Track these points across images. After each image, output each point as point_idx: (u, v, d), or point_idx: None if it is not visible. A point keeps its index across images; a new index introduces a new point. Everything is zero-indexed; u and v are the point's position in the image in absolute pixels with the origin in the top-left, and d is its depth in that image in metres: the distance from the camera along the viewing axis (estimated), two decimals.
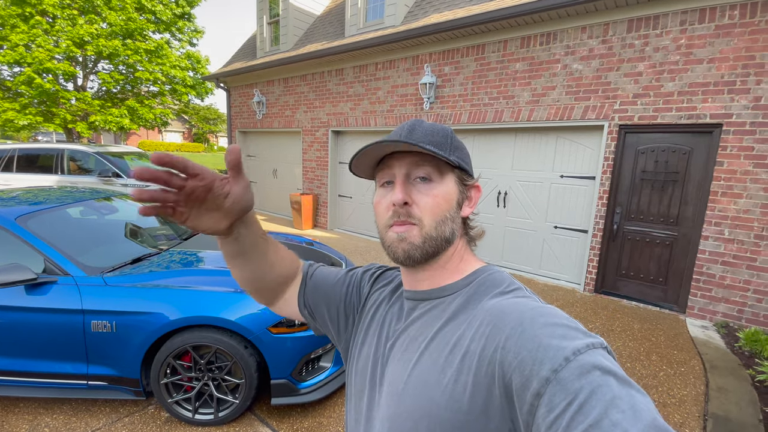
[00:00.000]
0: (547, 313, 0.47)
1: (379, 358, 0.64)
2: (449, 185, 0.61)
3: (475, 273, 0.62)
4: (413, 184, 0.60)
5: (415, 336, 0.59)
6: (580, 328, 0.45)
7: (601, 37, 4.35)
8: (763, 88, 3.50)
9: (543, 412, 0.39)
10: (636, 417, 0.35)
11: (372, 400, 0.63)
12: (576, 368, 0.39)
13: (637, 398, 0.37)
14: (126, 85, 12.21)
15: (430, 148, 0.56)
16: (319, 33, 7.94)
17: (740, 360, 3.12)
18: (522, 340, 0.44)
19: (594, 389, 0.37)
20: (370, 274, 0.78)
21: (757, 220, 3.64)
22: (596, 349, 0.42)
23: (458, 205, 0.62)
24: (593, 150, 4.70)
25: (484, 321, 0.51)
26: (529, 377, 0.41)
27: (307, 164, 7.96)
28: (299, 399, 2.30)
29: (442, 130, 0.62)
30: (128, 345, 2.17)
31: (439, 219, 0.59)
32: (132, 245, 2.86)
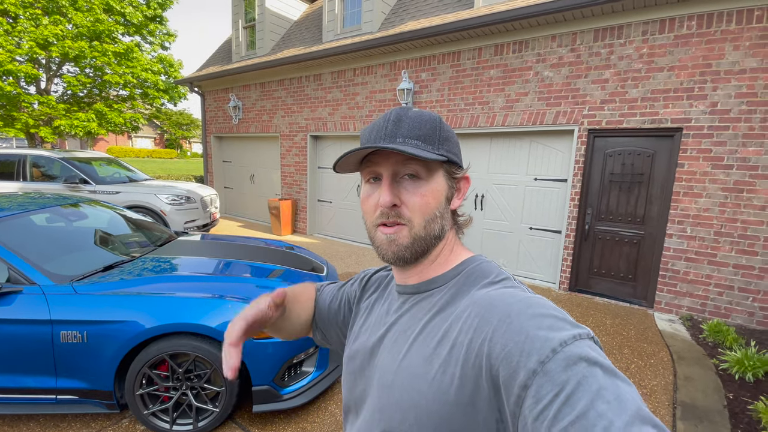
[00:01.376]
0: (535, 303, 0.47)
1: (368, 351, 0.65)
2: (438, 182, 0.59)
3: (463, 264, 0.61)
4: (400, 183, 0.58)
5: (404, 329, 0.60)
6: (567, 318, 0.45)
7: (569, 46, 4.54)
8: (719, 94, 3.74)
9: (530, 403, 0.39)
10: (621, 407, 0.35)
11: (363, 392, 0.64)
12: (562, 360, 0.39)
13: (622, 388, 0.37)
14: (93, 89, 11.73)
15: (414, 151, 0.54)
16: (296, 38, 7.92)
17: (704, 350, 3.29)
18: (509, 332, 0.44)
19: (580, 380, 0.37)
20: (360, 280, 0.80)
21: (716, 217, 3.87)
22: (583, 339, 0.42)
23: (447, 201, 0.61)
24: (565, 153, 4.88)
25: (472, 313, 0.51)
26: (516, 369, 0.41)
27: (285, 169, 7.89)
28: (282, 405, 2.27)
29: (429, 120, 0.59)
30: (100, 356, 2.09)
31: (428, 218, 0.58)
32: (103, 252, 2.76)
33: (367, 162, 0.61)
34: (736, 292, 3.83)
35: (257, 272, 2.81)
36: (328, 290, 0.85)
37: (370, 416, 0.59)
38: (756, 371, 2.61)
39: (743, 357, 2.72)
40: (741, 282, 3.79)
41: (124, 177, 6.79)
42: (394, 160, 0.58)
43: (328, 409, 2.50)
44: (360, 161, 0.61)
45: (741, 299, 3.81)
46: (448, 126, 0.62)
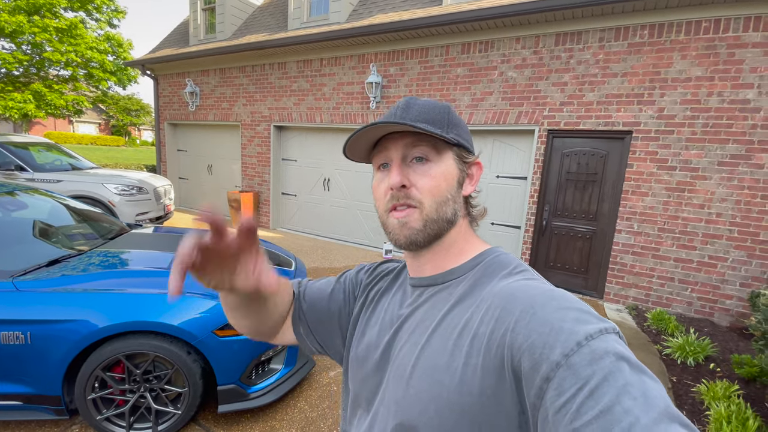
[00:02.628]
0: (559, 296, 0.46)
1: (382, 344, 0.63)
2: (448, 164, 0.59)
3: (481, 255, 0.61)
4: (410, 166, 0.59)
5: (422, 320, 0.58)
6: (592, 312, 0.44)
7: (533, 48, 4.71)
8: (666, 100, 4.04)
9: (552, 395, 0.38)
10: (648, 404, 0.34)
11: (376, 385, 0.62)
12: (588, 353, 0.38)
13: (649, 385, 0.36)
14: (31, 67, 10.64)
15: (425, 126, 0.54)
16: (259, 24, 7.61)
17: (649, 337, 3.57)
18: (533, 324, 0.43)
19: (606, 375, 0.37)
20: (365, 271, 0.78)
21: (660, 215, 4.19)
22: (609, 334, 0.41)
23: (459, 184, 0.61)
24: (525, 152, 5.07)
25: (493, 304, 0.50)
26: (539, 361, 0.40)
27: (246, 160, 7.59)
28: (249, 404, 2.19)
29: (438, 106, 0.60)
30: (47, 358, 1.91)
31: (439, 200, 0.58)
32: (47, 246, 2.52)
33: (377, 149, 0.62)
34: (676, 283, 4.19)
35: None
36: (318, 283, 0.79)
37: (386, 409, 0.57)
38: (696, 356, 2.87)
39: (684, 343, 2.98)
40: (681, 274, 4.15)
41: (66, 164, 6.23)
42: (402, 143, 0.58)
43: (297, 406, 2.45)
44: (371, 149, 0.63)
45: (681, 290, 4.17)
46: (457, 114, 0.63)
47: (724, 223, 3.91)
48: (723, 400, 2.14)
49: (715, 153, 3.89)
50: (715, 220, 3.94)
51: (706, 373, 2.73)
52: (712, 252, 3.99)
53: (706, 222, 3.99)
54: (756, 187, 3.76)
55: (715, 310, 4.03)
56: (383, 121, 0.55)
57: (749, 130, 3.74)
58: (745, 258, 3.85)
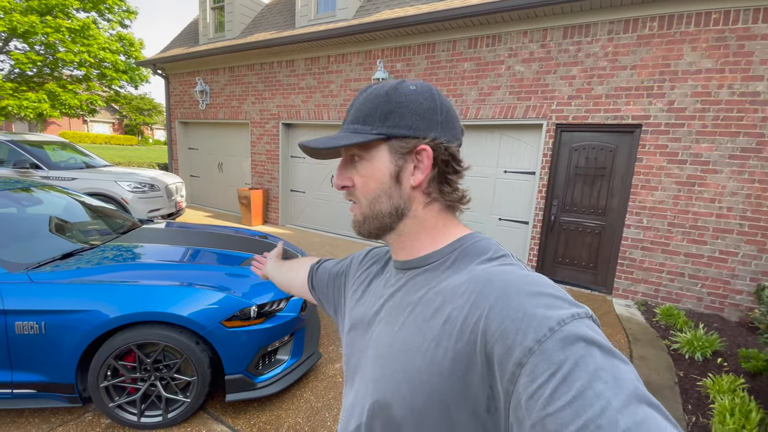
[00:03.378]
0: (534, 281, 0.46)
1: (366, 324, 0.66)
2: (378, 160, 0.59)
3: (459, 240, 0.61)
4: (352, 164, 0.62)
5: (400, 302, 0.60)
6: (566, 297, 0.45)
7: (540, 42, 4.67)
8: (676, 92, 3.98)
9: (524, 381, 0.39)
10: (618, 386, 0.35)
11: (358, 364, 0.65)
12: (560, 339, 0.39)
13: (620, 368, 0.37)
14: (44, 68, 10.88)
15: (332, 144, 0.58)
16: (267, 22, 7.67)
17: (657, 333, 3.54)
18: (506, 309, 0.43)
19: (578, 360, 0.37)
20: (364, 253, 0.82)
21: (669, 209, 4.14)
22: (581, 319, 0.41)
23: (393, 178, 0.58)
24: (533, 147, 5.04)
25: (469, 288, 0.50)
26: (511, 346, 0.41)
27: (256, 158, 7.68)
28: (256, 393, 2.24)
29: (375, 96, 0.58)
30: (60, 347, 1.98)
31: (370, 197, 0.60)
32: (60, 240, 2.60)
33: None
34: (686, 278, 4.13)
35: (228, 260, 2.75)
36: (330, 263, 0.92)
37: (364, 387, 0.60)
38: (704, 351, 2.84)
39: (692, 338, 2.95)
40: (691, 269, 4.09)
41: (80, 163, 6.38)
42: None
43: (303, 396, 2.49)
44: None
45: (691, 285, 4.11)
46: (403, 94, 0.57)
47: (734, 218, 3.84)
48: (728, 393, 2.12)
49: (726, 146, 3.82)
50: (726, 214, 3.88)
51: (714, 367, 2.70)
52: (722, 247, 3.92)
53: (717, 216, 3.92)
54: (767, 181, 3.68)
55: (725, 305, 3.96)
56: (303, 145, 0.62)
57: (760, 122, 3.66)
58: (755, 252, 3.78)
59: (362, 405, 0.60)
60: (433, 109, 0.58)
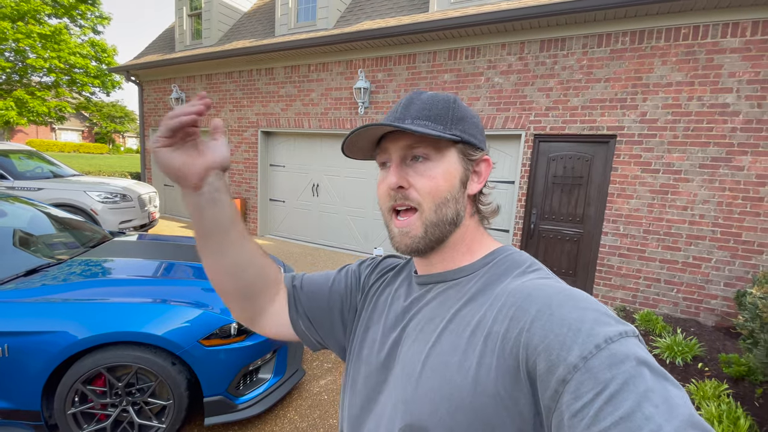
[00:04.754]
0: (577, 296, 0.45)
1: (389, 342, 0.61)
2: (450, 162, 0.57)
3: (493, 253, 0.59)
4: (410, 165, 0.57)
5: (431, 317, 0.57)
6: (611, 314, 0.43)
7: (518, 54, 4.78)
8: (648, 104, 4.13)
9: (568, 399, 0.37)
10: (671, 412, 0.33)
11: (380, 384, 0.59)
12: (607, 357, 0.37)
13: (672, 392, 0.35)
14: (13, 75, 10.39)
15: (421, 129, 0.53)
16: (246, 30, 7.58)
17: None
18: (550, 324, 0.42)
19: (626, 380, 0.35)
20: (366, 264, 0.76)
21: (644, 217, 4.26)
22: (629, 337, 0.40)
23: (461, 183, 0.58)
24: (512, 157, 5.13)
25: (507, 302, 0.49)
26: (555, 362, 0.39)
27: (233, 166, 7.50)
28: (237, 416, 2.13)
29: (442, 100, 0.58)
30: (24, 371, 1.83)
31: (439, 201, 0.56)
32: (25, 255, 2.44)
33: (380, 148, 0.61)
34: (662, 284, 4.25)
35: (204, 274, 2.63)
36: (316, 276, 0.77)
37: (391, 409, 0.55)
38: (685, 356, 2.90)
39: (672, 343, 3.01)
40: (666, 275, 4.21)
41: (47, 172, 6.08)
42: (402, 143, 0.57)
43: (287, 416, 2.39)
44: (374, 147, 0.62)
45: (667, 291, 4.23)
46: (465, 106, 0.60)
47: (707, 224, 3.99)
48: (713, 399, 2.16)
49: (697, 156, 3.98)
50: (698, 221, 4.02)
51: (695, 372, 2.76)
52: (696, 253, 4.06)
53: (690, 223, 4.06)
54: (737, 189, 3.85)
55: (701, 310, 4.09)
56: (380, 123, 0.54)
57: (729, 133, 3.83)
58: (728, 258, 3.93)
59: (390, 429, 0.54)
60: (482, 126, 0.62)
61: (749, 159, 3.78)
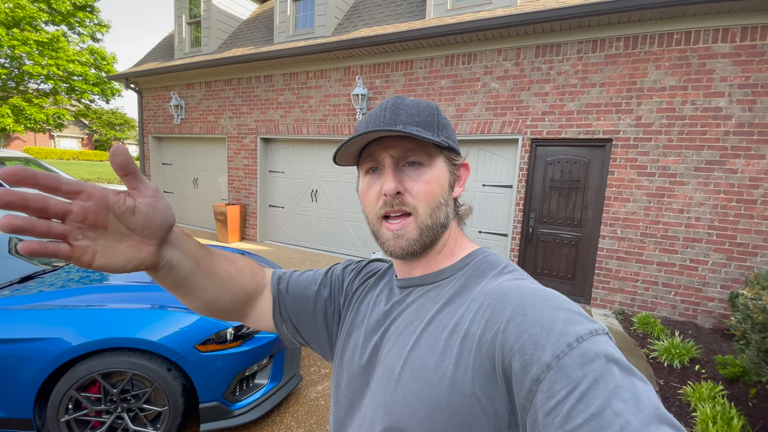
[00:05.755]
0: (550, 296, 0.46)
1: (370, 346, 0.61)
2: (440, 168, 0.58)
3: (470, 255, 0.60)
4: (402, 171, 0.57)
5: (410, 321, 0.57)
6: (582, 313, 0.44)
7: (514, 60, 4.82)
8: (643, 108, 4.16)
9: (542, 397, 0.38)
10: (638, 406, 0.34)
11: (363, 387, 0.60)
12: (579, 355, 0.38)
13: (639, 387, 0.36)
14: (9, 81, 10.45)
15: (418, 132, 0.54)
16: (245, 38, 7.64)
17: (636, 341, 3.60)
18: (524, 324, 0.43)
19: (597, 378, 0.36)
20: (351, 269, 0.76)
21: (641, 220, 4.28)
22: (599, 335, 0.41)
23: (450, 188, 0.60)
24: (510, 161, 5.15)
25: (484, 304, 0.50)
26: (529, 362, 0.40)
27: (233, 173, 7.53)
28: (233, 422, 2.12)
29: (427, 107, 0.59)
30: (17, 379, 1.82)
31: (433, 205, 0.57)
32: (19, 262, 2.44)
33: (365, 153, 0.60)
34: (660, 287, 4.25)
35: None
36: (301, 276, 0.76)
37: (372, 413, 0.55)
38: (682, 358, 2.90)
39: (670, 346, 3.01)
40: (664, 278, 4.22)
41: None
42: (394, 147, 0.57)
43: (283, 422, 2.38)
44: (358, 154, 0.61)
45: (664, 293, 4.23)
46: (443, 115, 0.61)
47: (703, 227, 4.00)
48: (708, 400, 2.16)
49: (692, 159, 4.00)
50: (694, 224, 4.04)
51: (692, 374, 2.76)
52: (692, 255, 4.07)
53: (686, 226, 4.08)
54: (731, 192, 3.87)
55: (698, 312, 4.09)
56: (376, 129, 0.54)
57: (722, 136, 3.86)
58: (724, 261, 3.94)
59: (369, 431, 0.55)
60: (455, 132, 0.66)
61: (742, 162, 3.81)
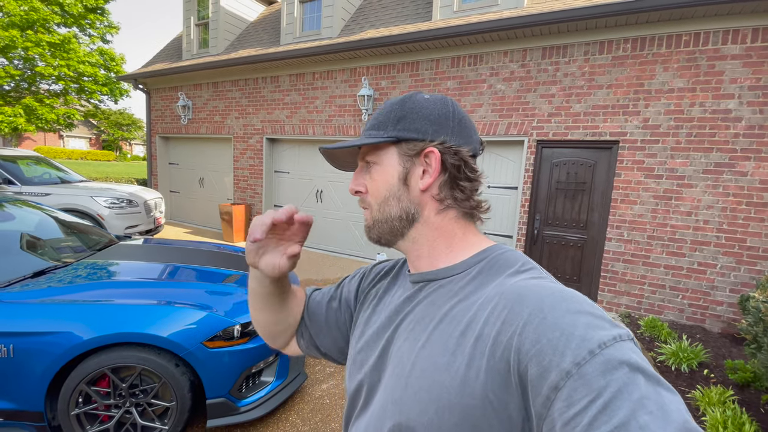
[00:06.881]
0: (570, 298, 0.43)
1: (381, 342, 0.61)
2: (387, 163, 0.60)
3: (484, 252, 0.58)
4: (366, 170, 0.64)
5: (422, 317, 0.56)
6: (605, 317, 0.42)
7: (520, 62, 4.82)
8: (650, 110, 4.14)
9: (560, 406, 0.36)
10: (666, 419, 0.33)
11: (374, 385, 0.60)
12: (601, 363, 0.36)
13: (666, 398, 0.35)
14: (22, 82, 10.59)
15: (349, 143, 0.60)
16: (252, 39, 7.70)
17: (643, 344, 3.57)
18: (542, 328, 0.41)
19: (620, 388, 0.35)
20: (360, 274, 0.79)
21: (648, 222, 4.25)
22: (624, 341, 0.39)
23: (401, 181, 0.58)
24: (515, 162, 5.14)
25: (499, 304, 0.47)
26: (547, 368, 0.38)
27: (239, 173, 7.58)
28: (239, 418, 2.14)
29: (390, 105, 0.61)
30: (29, 372, 1.85)
31: (380, 200, 0.61)
32: (32, 258, 2.47)
33: None
34: (667, 290, 4.21)
35: (210, 277, 2.66)
36: (320, 292, 0.83)
37: (381, 409, 0.55)
38: (690, 362, 2.87)
39: (677, 349, 2.98)
40: (671, 281, 4.18)
41: (55, 178, 6.16)
42: (362, 152, 0.64)
43: (288, 420, 2.39)
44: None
45: (672, 297, 4.20)
46: (416, 101, 0.59)
47: (711, 230, 3.97)
48: (718, 405, 2.13)
49: (700, 161, 3.97)
50: (703, 227, 4.01)
51: (701, 379, 2.73)
52: (701, 258, 4.04)
53: (694, 229, 4.04)
54: (740, 194, 3.83)
55: (707, 316, 4.05)
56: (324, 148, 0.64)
57: (732, 138, 3.83)
58: (733, 264, 3.90)
59: (379, 428, 0.54)
60: (446, 115, 0.59)
61: (752, 164, 3.78)
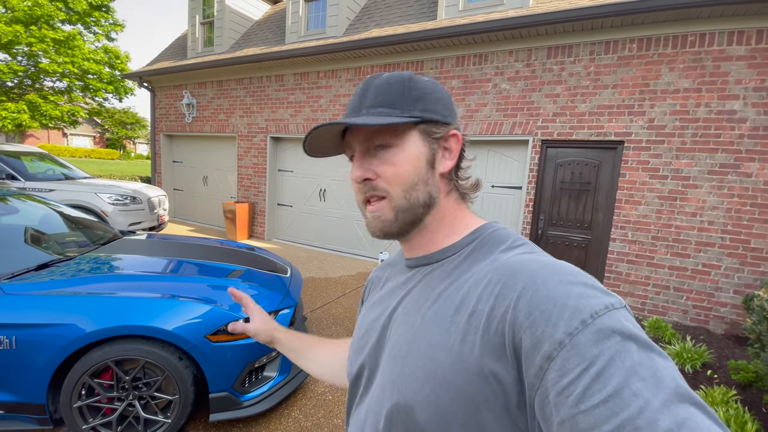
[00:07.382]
0: (562, 269, 0.44)
1: (379, 326, 0.61)
2: (413, 145, 0.56)
3: (477, 231, 0.58)
4: (374, 155, 0.56)
5: (417, 299, 0.56)
6: (597, 285, 0.42)
7: (525, 61, 4.81)
8: (656, 111, 4.13)
9: (554, 376, 0.37)
10: (658, 384, 0.33)
11: (374, 369, 0.60)
12: (594, 332, 0.37)
13: (659, 364, 0.35)
14: (25, 79, 10.64)
15: (373, 121, 0.52)
16: (257, 37, 7.72)
17: None
18: (535, 300, 0.41)
19: (613, 356, 0.35)
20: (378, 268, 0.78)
21: (653, 223, 4.23)
22: (616, 309, 0.39)
23: (429, 164, 0.57)
24: (520, 162, 5.13)
25: (493, 279, 0.47)
26: (540, 338, 0.39)
27: (242, 171, 7.59)
28: (242, 413, 2.14)
29: (397, 81, 0.56)
30: (32, 364, 1.85)
31: (407, 186, 0.55)
32: (36, 251, 2.48)
33: (344, 143, 0.61)
34: (671, 291, 4.19)
35: (214, 272, 2.66)
36: None
37: (381, 390, 0.55)
38: (694, 363, 2.85)
39: (681, 350, 2.96)
40: (675, 282, 4.16)
41: (59, 174, 6.19)
42: (362, 135, 0.57)
43: (291, 415, 2.39)
44: (339, 143, 0.62)
45: (676, 298, 4.18)
46: (423, 82, 0.57)
47: (716, 231, 3.95)
48: (721, 405, 2.12)
49: (705, 162, 3.96)
50: (707, 228, 3.98)
51: (704, 379, 2.71)
52: (705, 260, 4.01)
53: (699, 230, 4.02)
54: (745, 195, 3.81)
55: (710, 317, 4.03)
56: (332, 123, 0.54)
57: (737, 139, 3.81)
58: (737, 265, 3.88)
59: (378, 410, 0.54)
60: (449, 98, 0.60)
61: (757, 166, 3.75)
